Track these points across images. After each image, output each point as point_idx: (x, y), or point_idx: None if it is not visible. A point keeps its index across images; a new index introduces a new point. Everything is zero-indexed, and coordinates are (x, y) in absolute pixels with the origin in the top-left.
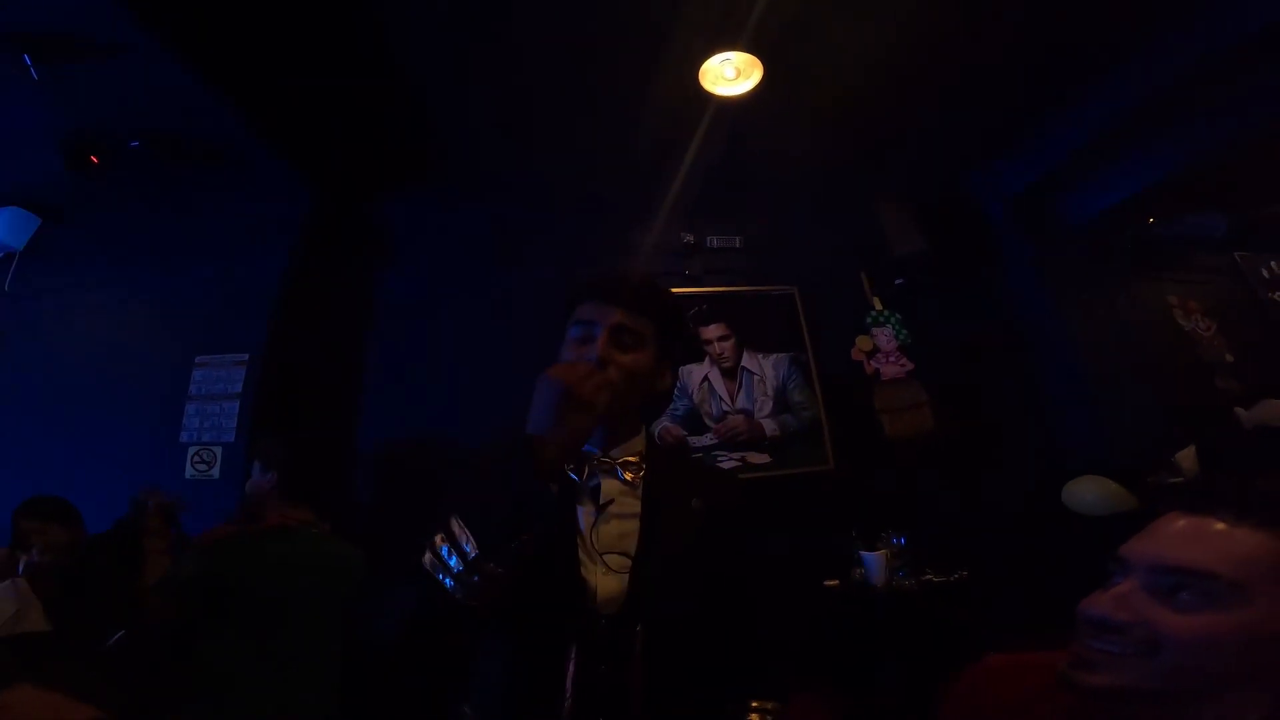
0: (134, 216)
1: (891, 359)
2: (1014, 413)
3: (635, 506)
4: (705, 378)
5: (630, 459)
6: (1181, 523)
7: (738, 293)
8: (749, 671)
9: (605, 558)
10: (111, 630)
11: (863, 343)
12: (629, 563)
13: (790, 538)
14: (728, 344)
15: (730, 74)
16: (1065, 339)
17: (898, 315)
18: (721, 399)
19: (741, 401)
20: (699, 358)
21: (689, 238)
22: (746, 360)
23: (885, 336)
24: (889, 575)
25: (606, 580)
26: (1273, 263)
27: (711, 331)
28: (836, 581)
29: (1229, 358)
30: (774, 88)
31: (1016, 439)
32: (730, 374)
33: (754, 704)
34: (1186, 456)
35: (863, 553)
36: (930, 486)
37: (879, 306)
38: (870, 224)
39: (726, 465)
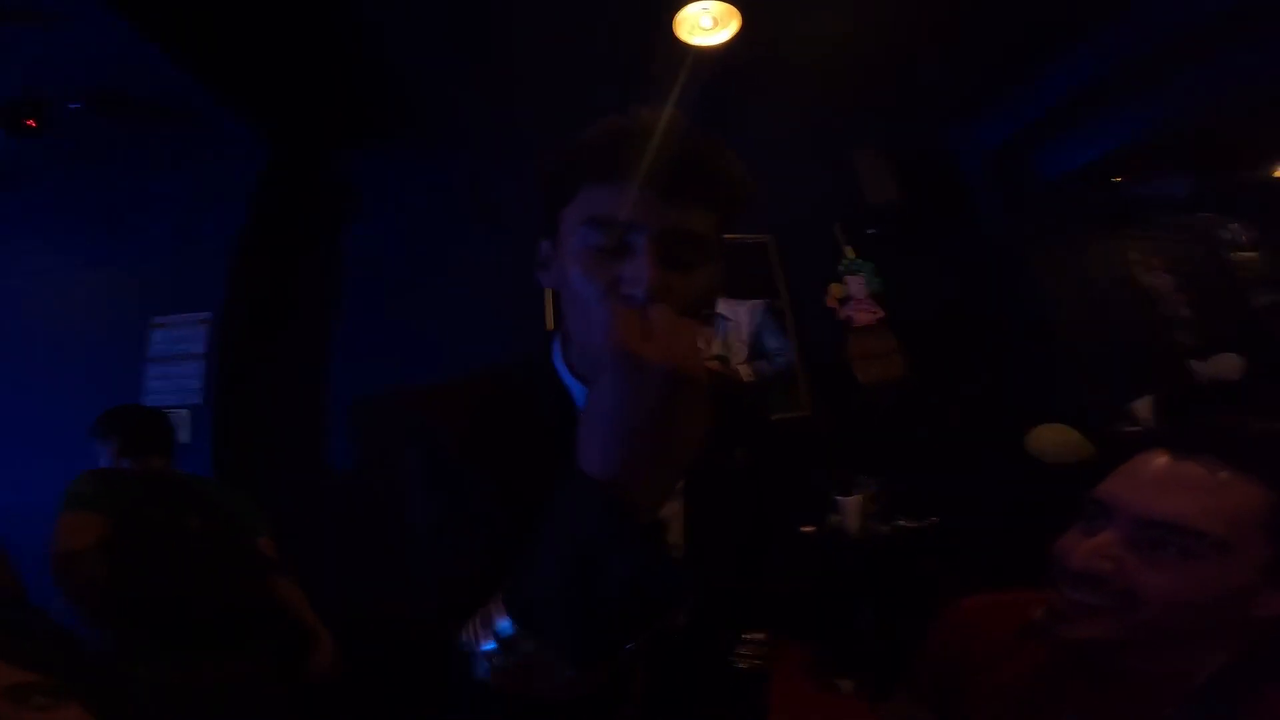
0: (82, 179)
1: (863, 306)
2: (982, 361)
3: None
4: None
5: None
6: (1163, 463)
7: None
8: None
9: None
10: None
11: (835, 290)
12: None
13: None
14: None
15: (707, 23)
16: (1033, 290)
17: (871, 263)
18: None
19: (717, 348)
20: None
21: None
22: (722, 307)
23: (857, 284)
24: (863, 521)
25: None
26: (1233, 224)
27: None
28: (813, 528)
29: (1186, 313)
30: (752, 38)
31: (984, 387)
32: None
33: (743, 634)
34: (1143, 406)
35: (838, 498)
36: (902, 433)
37: (852, 255)
38: (846, 174)
39: None
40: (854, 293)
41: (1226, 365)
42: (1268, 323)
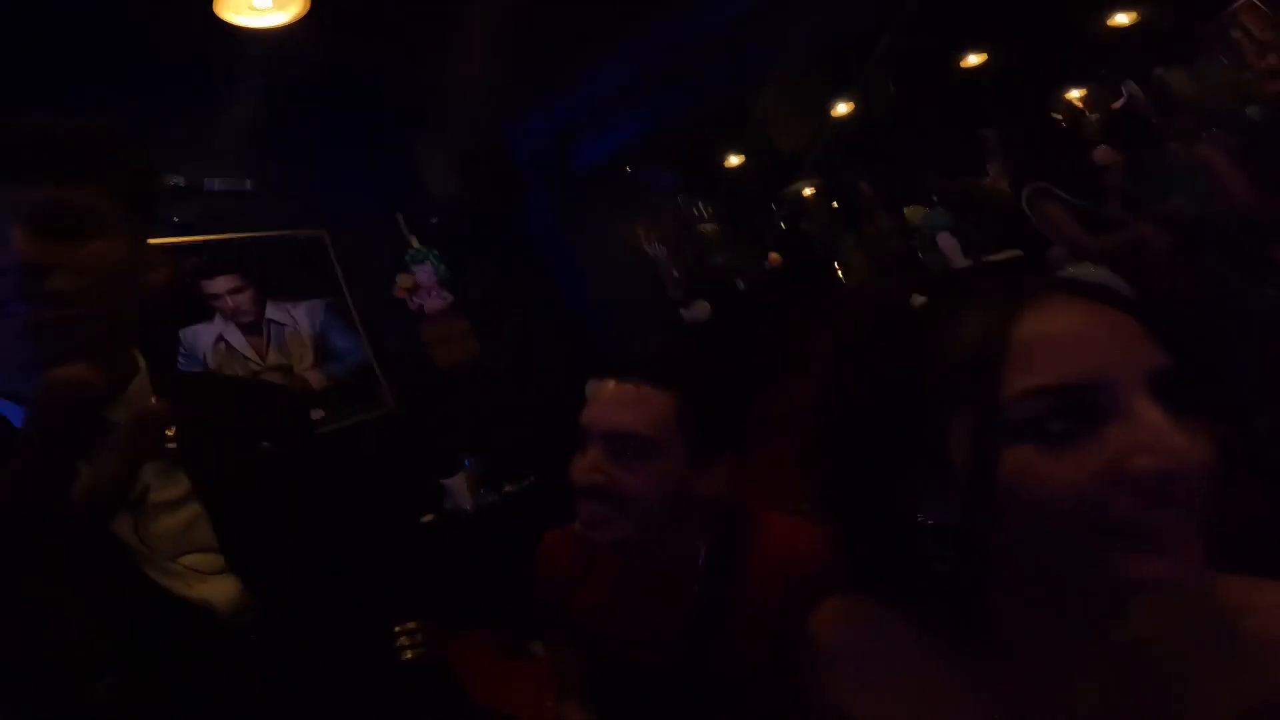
0: None
1: (433, 294)
2: (545, 329)
3: (182, 483)
4: (220, 338)
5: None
6: (612, 387)
7: (252, 239)
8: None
9: (182, 563)
10: None
11: (404, 280)
12: (221, 558)
13: (372, 486)
14: (243, 296)
15: (263, 3)
16: (575, 265)
17: (435, 251)
18: (248, 359)
19: (275, 358)
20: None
21: (177, 180)
22: (272, 311)
23: (425, 273)
24: (474, 496)
25: (214, 586)
26: (701, 203)
27: (220, 285)
28: (433, 516)
29: (675, 274)
30: (321, 23)
31: (550, 352)
32: (254, 329)
33: (397, 627)
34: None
35: (442, 481)
36: (487, 406)
37: (416, 244)
38: (404, 164)
39: None
40: (423, 281)
41: (700, 310)
42: (723, 275)
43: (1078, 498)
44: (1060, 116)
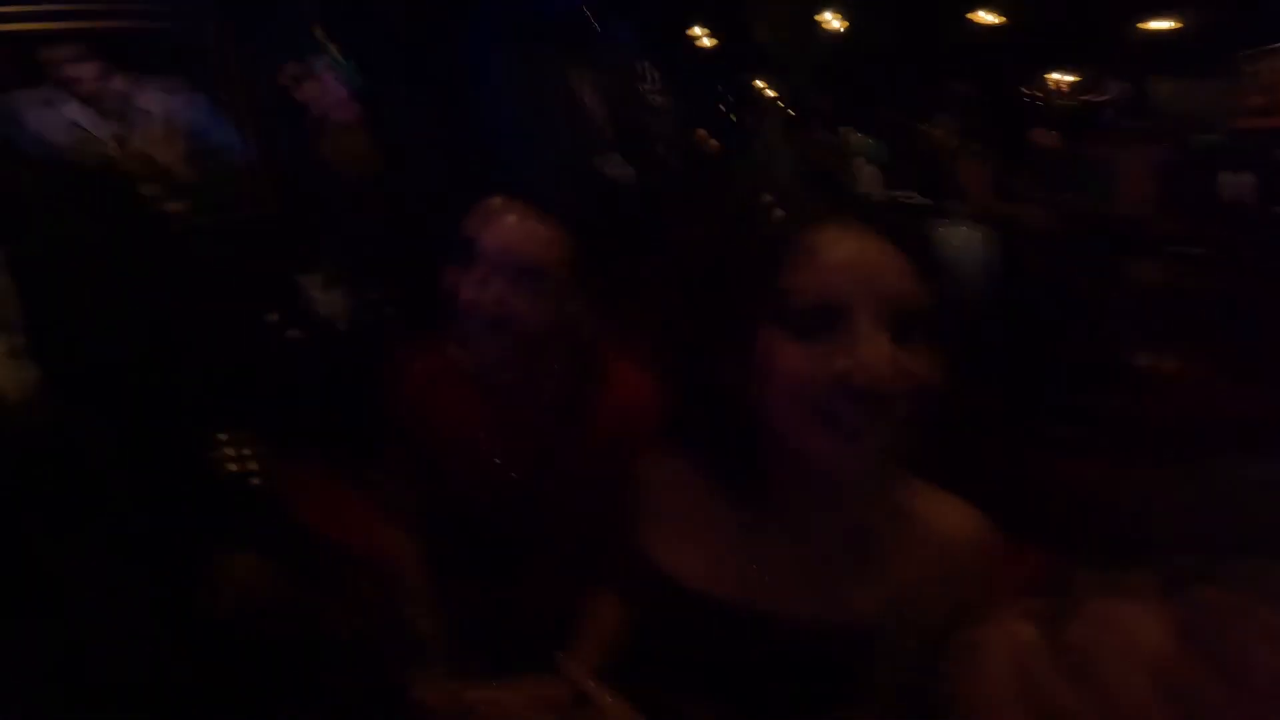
0: None
1: (338, 101)
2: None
3: None
4: (74, 121)
5: None
6: (515, 217)
7: (113, 28)
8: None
9: None
10: None
11: (306, 81)
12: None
13: (226, 287)
14: (102, 83)
15: None
16: (505, 98)
17: (353, 62)
18: (101, 142)
19: (137, 145)
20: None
21: None
22: (142, 100)
23: (334, 79)
24: (333, 298)
25: (8, 369)
26: (654, 70)
27: (83, 70)
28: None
29: (606, 130)
30: None
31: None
32: (115, 114)
33: (223, 436)
34: None
35: (299, 278)
36: (373, 219)
37: (335, 51)
38: None
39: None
40: (329, 87)
41: (619, 169)
42: (654, 144)
43: (805, 385)
44: (1036, 93)
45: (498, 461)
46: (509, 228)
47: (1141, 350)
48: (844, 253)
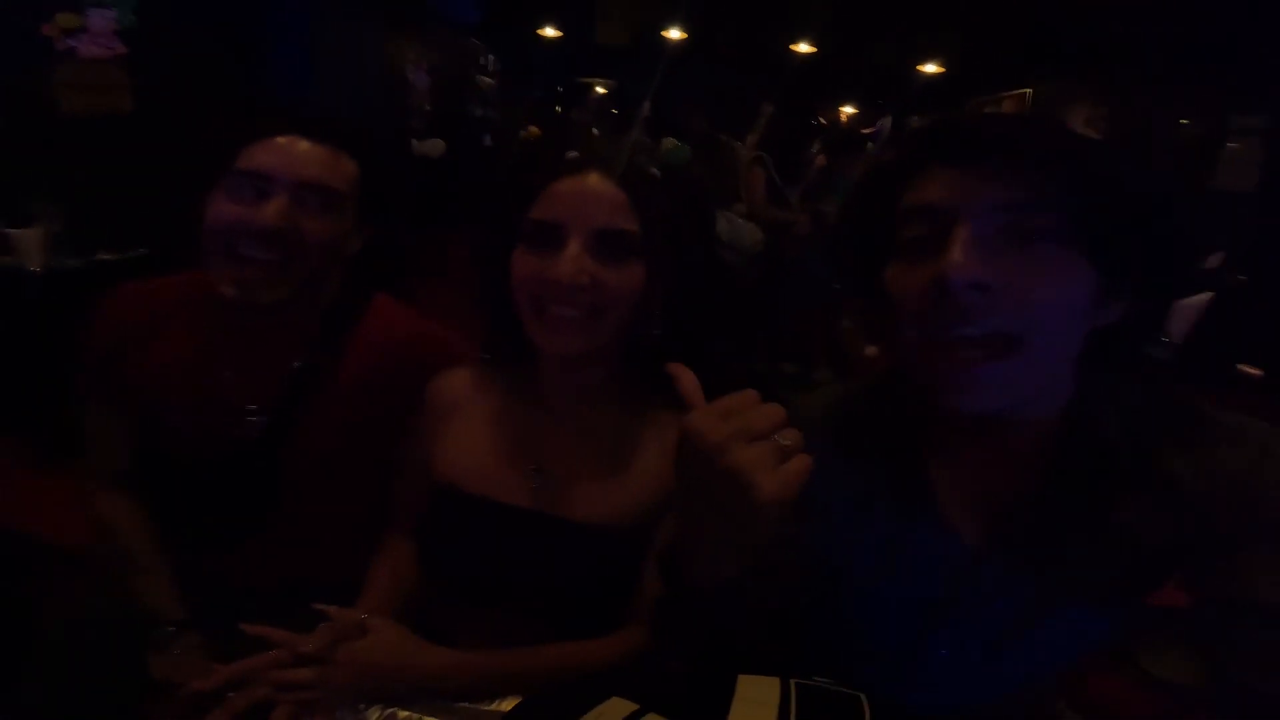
0: None
1: (100, 41)
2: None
3: None
4: None
5: None
6: (302, 144)
7: None
8: None
9: None
10: None
11: (65, 20)
12: None
13: None
14: None
15: None
16: (311, 59)
17: (134, 4)
18: None
19: None
20: None
21: None
22: None
23: (103, 18)
24: (47, 256)
25: None
26: (491, 55)
27: None
28: None
29: (427, 106)
30: None
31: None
32: None
33: None
34: None
35: (9, 231)
36: (120, 158)
37: None
38: None
39: None
40: (95, 26)
41: (433, 146)
42: (475, 127)
43: (524, 286)
44: (822, 120)
45: (236, 396)
46: (299, 148)
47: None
48: (569, 189)
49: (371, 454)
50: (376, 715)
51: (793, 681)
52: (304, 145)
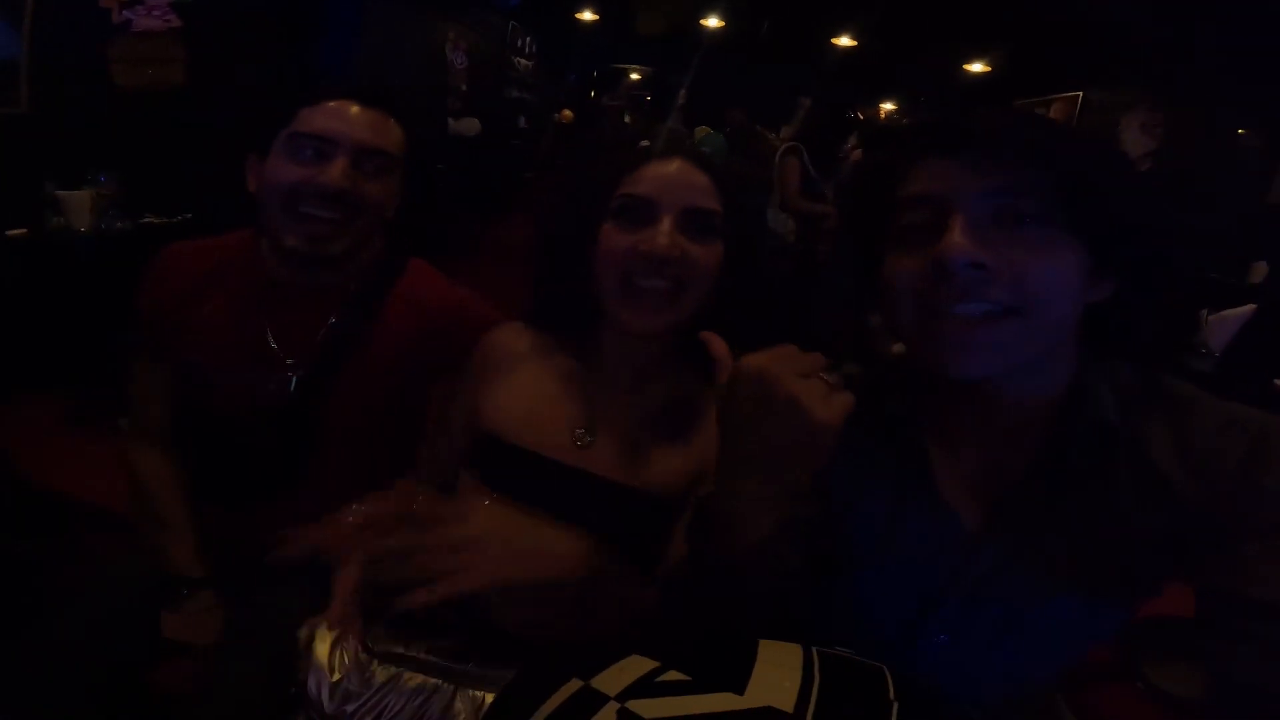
0: None
1: (155, 12)
2: (283, 82)
3: None
4: None
5: None
6: (355, 109)
7: None
8: None
9: None
10: None
11: None
12: None
13: None
14: None
15: None
16: (358, 37)
17: None
18: None
19: None
20: None
21: None
22: None
23: None
24: (96, 218)
25: None
26: (529, 38)
27: None
28: (25, 230)
29: (464, 87)
30: None
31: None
32: None
33: None
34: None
35: (59, 193)
36: (169, 128)
37: None
38: None
39: None
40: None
41: (468, 125)
42: (512, 107)
43: (616, 259)
44: (859, 114)
45: (277, 356)
46: (354, 112)
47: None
48: (659, 171)
49: (402, 414)
50: (384, 676)
51: (815, 649)
52: (357, 110)
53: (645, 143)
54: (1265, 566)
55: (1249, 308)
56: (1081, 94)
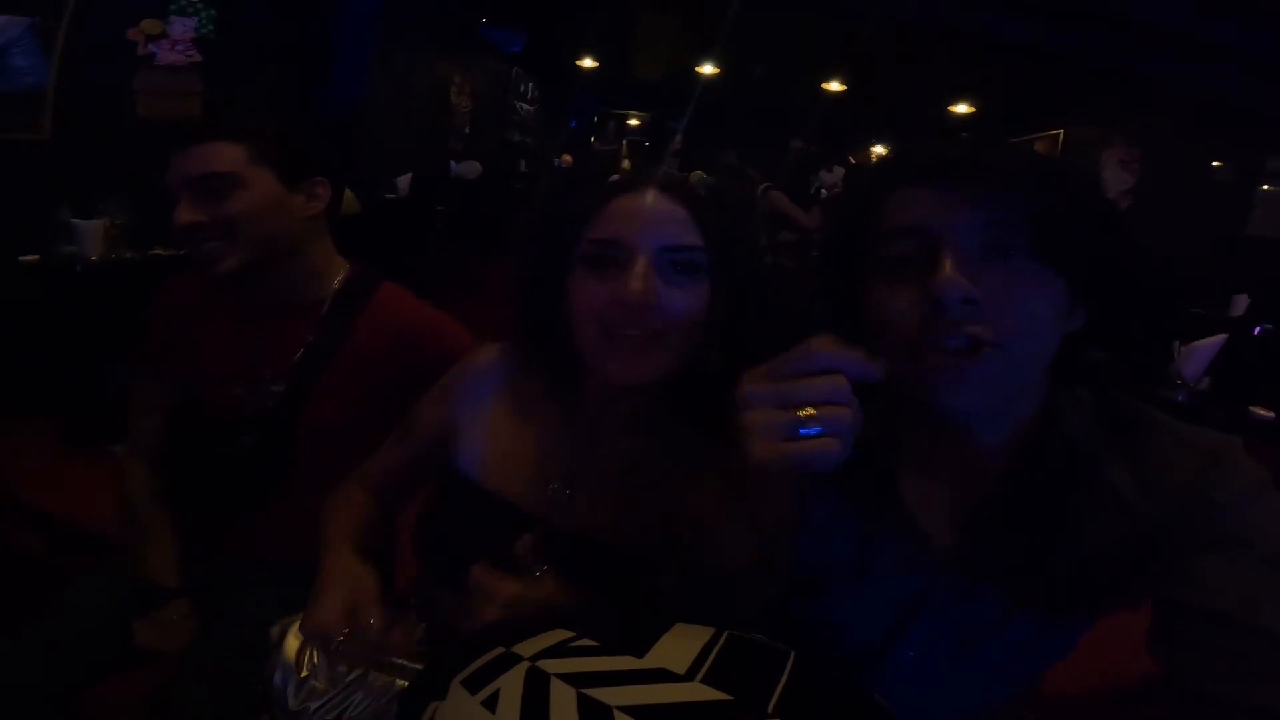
0: None
1: (179, 48)
2: (296, 125)
3: None
4: None
5: None
6: (191, 149)
7: None
8: None
9: None
10: None
11: (150, 26)
12: None
13: None
14: None
15: None
16: (366, 80)
17: (212, 11)
18: None
19: None
20: None
21: None
22: None
23: (184, 26)
24: (108, 248)
25: None
26: (531, 84)
27: None
28: (36, 256)
29: (468, 130)
30: None
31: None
32: None
33: None
34: (403, 181)
35: (74, 221)
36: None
37: None
38: None
39: None
40: (174, 33)
41: (469, 169)
42: (512, 151)
43: (592, 308)
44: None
45: (261, 373)
46: (181, 157)
47: None
48: (628, 206)
49: (378, 429)
50: (352, 675)
51: (727, 631)
52: (192, 149)
53: (615, 177)
54: (1218, 578)
55: (1220, 338)
56: (1062, 132)
